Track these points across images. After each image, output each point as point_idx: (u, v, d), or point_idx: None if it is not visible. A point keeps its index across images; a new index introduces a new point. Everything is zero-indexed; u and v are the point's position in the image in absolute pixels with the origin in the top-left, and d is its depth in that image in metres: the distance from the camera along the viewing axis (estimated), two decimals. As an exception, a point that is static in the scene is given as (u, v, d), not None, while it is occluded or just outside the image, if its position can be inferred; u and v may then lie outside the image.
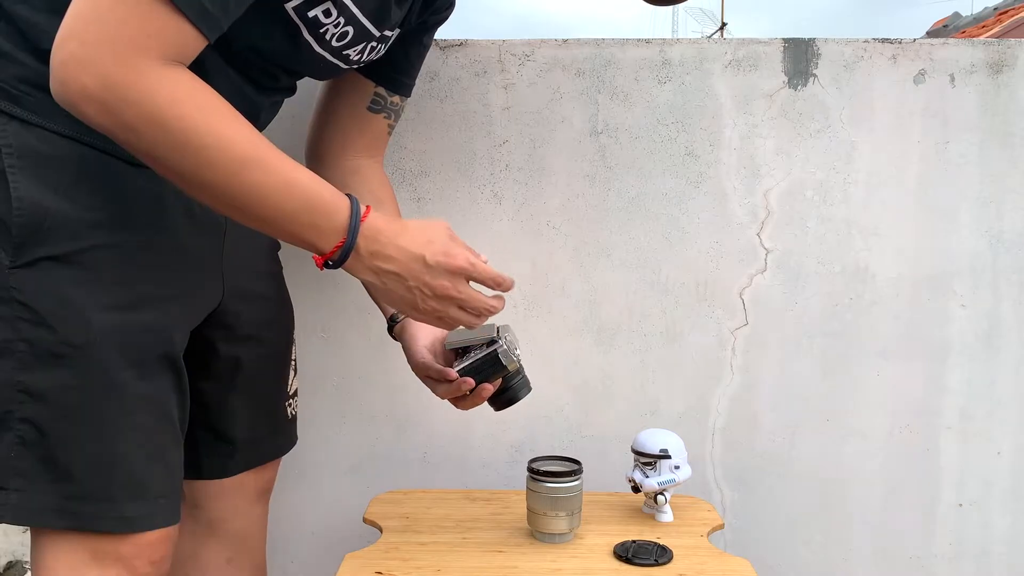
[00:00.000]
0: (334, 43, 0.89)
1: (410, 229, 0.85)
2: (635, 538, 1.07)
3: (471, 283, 0.88)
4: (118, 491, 0.82)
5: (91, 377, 0.80)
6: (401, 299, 0.86)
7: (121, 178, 0.82)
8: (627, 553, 1.02)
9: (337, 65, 0.94)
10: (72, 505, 0.80)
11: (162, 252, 0.86)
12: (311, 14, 0.83)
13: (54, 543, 0.82)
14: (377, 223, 0.82)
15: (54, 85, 0.70)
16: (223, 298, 0.96)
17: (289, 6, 0.82)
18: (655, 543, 1.04)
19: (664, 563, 1.00)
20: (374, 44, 0.95)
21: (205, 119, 0.72)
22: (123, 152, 0.77)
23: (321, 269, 0.83)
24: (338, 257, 0.81)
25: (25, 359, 0.78)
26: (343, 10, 0.85)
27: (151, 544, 0.85)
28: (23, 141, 0.78)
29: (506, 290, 0.90)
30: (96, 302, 0.80)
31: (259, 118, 0.97)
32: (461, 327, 0.92)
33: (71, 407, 0.79)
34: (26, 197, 0.77)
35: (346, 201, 0.81)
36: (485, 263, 0.88)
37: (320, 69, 0.94)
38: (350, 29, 0.88)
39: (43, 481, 0.79)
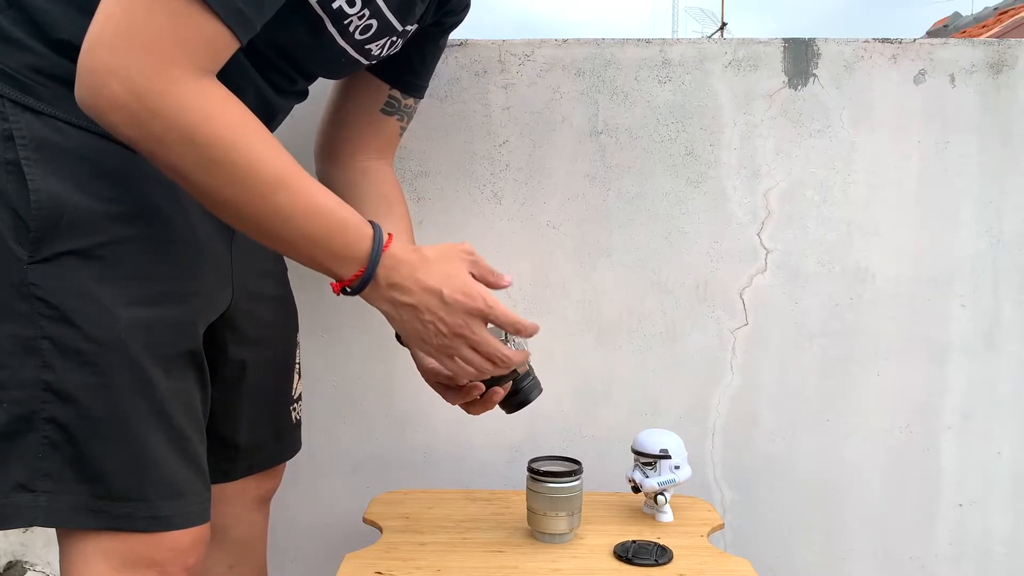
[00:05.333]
0: (357, 36, 0.88)
1: (431, 260, 0.84)
2: (635, 538, 1.07)
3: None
4: (151, 490, 0.80)
5: (119, 375, 0.77)
6: (414, 331, 0.85)
7: (138, 171, 0.80)
8: (627, 553, 1.02)
9: (358, 60, 0.93)
10: (104, 505, 0.78)
11: (181, 247, 0.84)
12: (335, 5, 0.83)
13: (83, 550, 0.79)
14: (398, 253, 0.81)
15: (80, 92, 0.68)
16: (232, 298, 0.95)
17: (313, 0, 0.82)
18: (655, 543, 1.04)
19: (664, 563, 1.00)
20: (395, 39, 0.94)
21: (236, 137, 0.71)
22: None
23: (337, 295, 0.82)
24: (356, 286, 0.80)
25: (49, 357, 0.75)
26: (368, 2, 0.85)
27: (184, 550, 0.83)
28: (38, 132, 0.76)
29: (528, 336, 0.90)
30: (120, 297, 0.78)
31: (275, 120, 0.96)
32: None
33: (99, 406, 0.77)
34: (43, 190, 0.75)
35: (369, 229, 0.80)
36: (508, 284, 0.89)
37: (341, 65, 0.93)
38: (374, 22, 0.87)
39: (72, 482, 0.77)
